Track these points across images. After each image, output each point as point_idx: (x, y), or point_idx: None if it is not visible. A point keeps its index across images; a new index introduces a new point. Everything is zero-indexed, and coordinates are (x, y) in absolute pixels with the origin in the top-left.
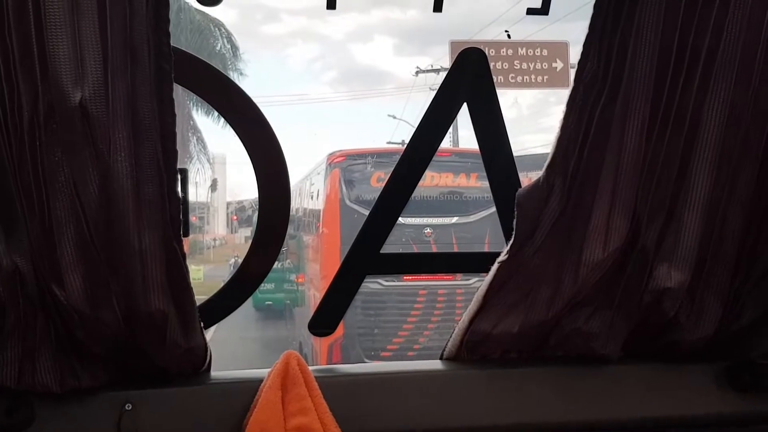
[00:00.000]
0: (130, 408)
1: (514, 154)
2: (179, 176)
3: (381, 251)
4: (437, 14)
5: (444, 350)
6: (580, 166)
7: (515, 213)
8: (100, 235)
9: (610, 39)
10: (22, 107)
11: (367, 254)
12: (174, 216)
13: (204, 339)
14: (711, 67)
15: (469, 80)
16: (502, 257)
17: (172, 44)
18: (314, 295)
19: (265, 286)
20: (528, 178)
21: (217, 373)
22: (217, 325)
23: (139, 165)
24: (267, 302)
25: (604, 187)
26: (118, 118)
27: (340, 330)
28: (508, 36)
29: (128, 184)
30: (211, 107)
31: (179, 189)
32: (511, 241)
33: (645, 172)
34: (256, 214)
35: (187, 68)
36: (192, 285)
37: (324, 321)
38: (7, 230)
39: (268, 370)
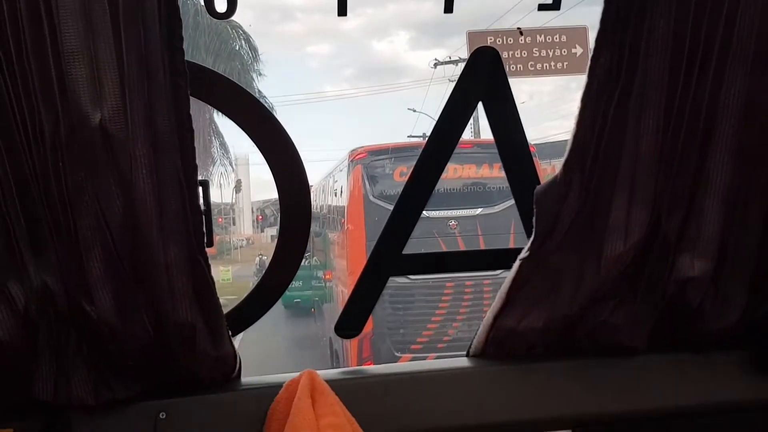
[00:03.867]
0: (164, 417)
1: (536, 142)
2: (200, 188)
3: (404, 250)
4: (454, 5)
5: (470, 347)
6: (598, 161)
7: (534, 210)
8: (126, 251)
9: (622, 33)
10: (44, 130)
11: (390, 256)
12: (197, 228)
13: (233, 346)
14: (725, 57)
15: (484, 79)
16: (523, 254)
17: (187, 54)
18: (342, 292)
19: (294, 284)
20: (552, 166)
21: (247, 378)
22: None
23: (160, 180)
24: (296, 300)
25: (623, 180)
26: (138, 135)
27: (369, 325)
28: (521, 33)
29: (151, 199)
30: None
31: (201, 201)
32: (531, 238)
33: (663, 164)
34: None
35: (202, 81)
36: (218, 294)
37: (350, 323)
38: (36, 251)
39: (294, 375)
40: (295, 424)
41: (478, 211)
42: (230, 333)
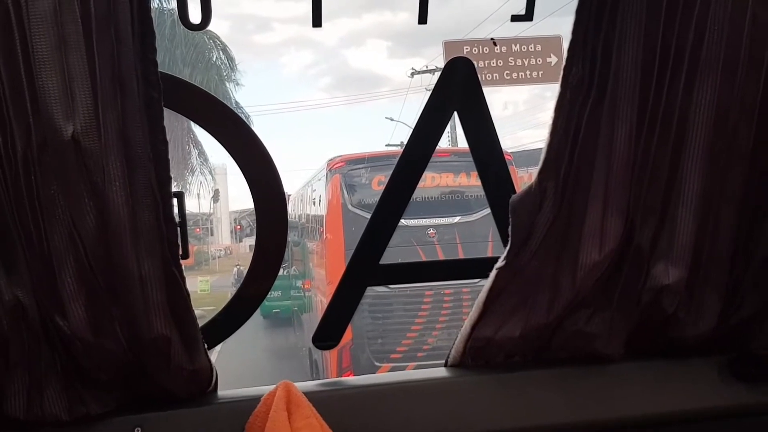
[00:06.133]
0: None
1: (513, 150)
2: (175, 200)
3: (383, 259)
4: (429, 16)
5: (448, 357)
6: (572, 170)
7: (510, 219)
8: (100, 265)
9: (594, 43)
10: (15, 143)
11: (367, 266)
12: (172, 241)
13: (209, 360)
14: (696, 66)
15: (459, 89)
16: (499, 264)
17: (164, 65)
18: (321, 301)
19: (272, 293)
20: (529, 174)
21: (223, 392)
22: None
23: (134, 193)
24: (275, 310)
25: (597, 189)
26: (111, 148)
27: (348, 335)
28: (494, 44)
29: (124, 212)
30: None
31: (176, 213)
32: (507, 248)
33: (636, 173)
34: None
35: (176, 93)
36: (194, 306)
37: (328, 334)
38: (7, 265)
39: (271, 387)
40: None
41: (456, 219)
42: (206, 346)
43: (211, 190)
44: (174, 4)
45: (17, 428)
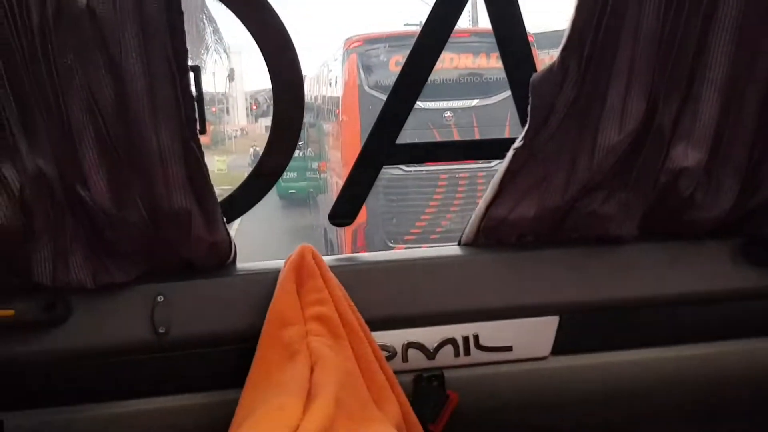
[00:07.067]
0: (162, 300)
1: (536, 31)
2: (192, 74)
3: (398, 140)
4: None
5: (462, 236)
6: (596, 48)
7: (530, 98)
8: (119, 137)
9: None
10: (31, 12)
11: (383, 145)
12: (189, 115)
13: (227, 233)
14: None
15: None
16: (517, 144)
17: None
18: (336, 183)
19: (288, 174)
20: (550, 56)
21: (242, 264)
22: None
23: (150, 65)
24: (290, 191)
25: (620, 67)
26: (126, 17)
27: (363, 216)
28: None
29: (141, 84)
30: None
31: (193, 87)
32: (526, 127)
33: (662, 51)
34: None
35: None
36: (212, 181)
37: (343, 211)
38: (29, 135)
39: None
40: (278, 309)
41: (474, 102)
42: (225, 220)
43: (227, 69)
44: None
45: (46, 293)
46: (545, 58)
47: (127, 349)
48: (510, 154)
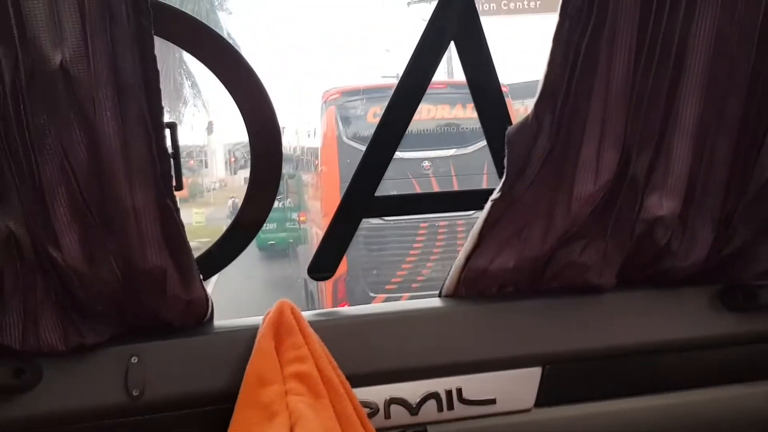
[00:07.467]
0: (136, 361)
1: (510, 82)
2: (168, 131)
3: (377, 192)
4: None
5: (442, 288)
6: (569, 101)
7: (506, 151)
8: (93, 196)
9: None
10: (3, 72)
11: (362, 198)
12: (165, 172)
13: (204, 290)
14: None
15: (455, 18)
16: (495, 195)
17: None
18: (316, 233)
19: (268, 225)
20: (525, 107)
21: (219, 322)
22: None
23: (125, 124)
24: (270, 242)
25: (593, 120)
26: (101, 77)
27: (343, 267)
28: None
29: (116, 143)
30: None
31: (168, 144)
32: (503, 179)
33: (633, 103)
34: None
35: (167, 20)
36: (189, 234)
37: (323, 265)
38: None
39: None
40: (257, 368)
41: (452, 151)
42: (202, 277)
43: (206, 122)
44: None
45: (15, 358)
46: (520, 108)
47: (101, 413)
48: (488, 205)
